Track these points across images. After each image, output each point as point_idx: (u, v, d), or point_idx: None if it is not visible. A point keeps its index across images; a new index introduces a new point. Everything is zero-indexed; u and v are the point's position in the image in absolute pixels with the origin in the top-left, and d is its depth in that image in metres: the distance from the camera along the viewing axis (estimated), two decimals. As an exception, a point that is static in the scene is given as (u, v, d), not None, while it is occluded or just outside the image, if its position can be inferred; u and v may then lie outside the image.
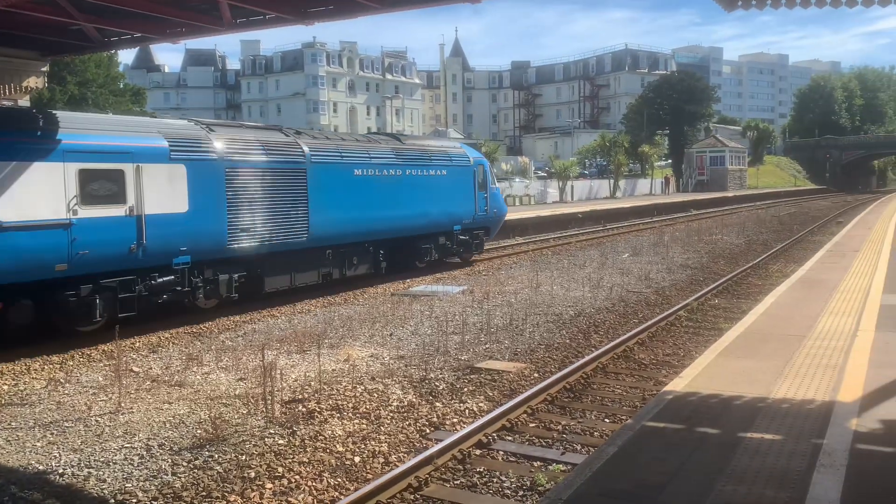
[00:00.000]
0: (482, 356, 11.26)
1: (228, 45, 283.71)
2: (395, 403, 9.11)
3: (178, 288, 13.92)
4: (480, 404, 9.10)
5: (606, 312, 14.66)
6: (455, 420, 8.59)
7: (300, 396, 9.36)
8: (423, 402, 9.16)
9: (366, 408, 8.96)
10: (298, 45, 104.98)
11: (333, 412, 8.80)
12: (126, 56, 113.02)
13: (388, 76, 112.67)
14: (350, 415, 8.74)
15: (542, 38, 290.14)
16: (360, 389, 9.61)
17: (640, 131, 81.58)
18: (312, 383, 9.88)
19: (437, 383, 9.88)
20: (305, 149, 16.76)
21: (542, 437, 7.98)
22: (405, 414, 8.77)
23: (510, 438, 8.00)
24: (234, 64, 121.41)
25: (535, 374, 10.34)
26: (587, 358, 10.67)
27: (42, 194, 11.57)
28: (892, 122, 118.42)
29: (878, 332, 10.06)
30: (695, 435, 6.46)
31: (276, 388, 9.16)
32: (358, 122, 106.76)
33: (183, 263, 13.82)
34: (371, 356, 11.34)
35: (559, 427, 8.27)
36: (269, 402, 8.86)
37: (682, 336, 12.66)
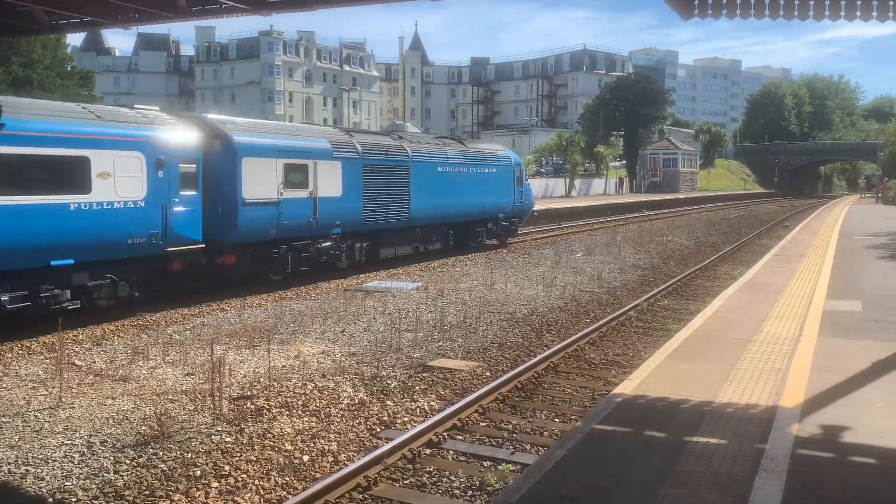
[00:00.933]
0: (435, 354, 11.24)
1: (182, 31, 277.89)
2: (345, 401, 9.04)
3: (332, 252, 18.77)
4: (432, 403, 9.09)
5: (559, 311, 14.78)
6: (406, 419, 8.56)
7: (249, 393, 9.22)
8: (374, 401, 9.11)
9: (316, 405, 8.87)
10: (255, 33, 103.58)
11: (282, 410, 8.69)
12: (75, 38, 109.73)
13: (346, 67, 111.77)
14: (299, 412, 8.64)
15: (503, 35, 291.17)
16: (310, 387, 9.51)
17: (596, 131, 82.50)
18: (262, 380, 9.74)
19: (388, 381, 9.83)
20: (409, 150, 21.92)
21: (492, 437, 8.01)
22: (356, 412, 8.71)
23: (461, 438, 8.01)
24: (188, 50, 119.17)
25: (488, 373, 10.37)
26: (539, 357, 10.73)
27: (267, 181, 16.38)
28: (839, 130, 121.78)
29: (820, 338, 10.32)
30: (642, 438, 6.54)
31: (224, 385, 9.00)
32: (314, 112, 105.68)
33: (336, 234, 18.72)
34: (322, 353, 11.23)
35: (510, 427, 8.30)
36: (216, 398, 8.71)
37: (632, 336, 12.83)
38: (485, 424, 8.43)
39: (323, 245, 18.37)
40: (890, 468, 5.91)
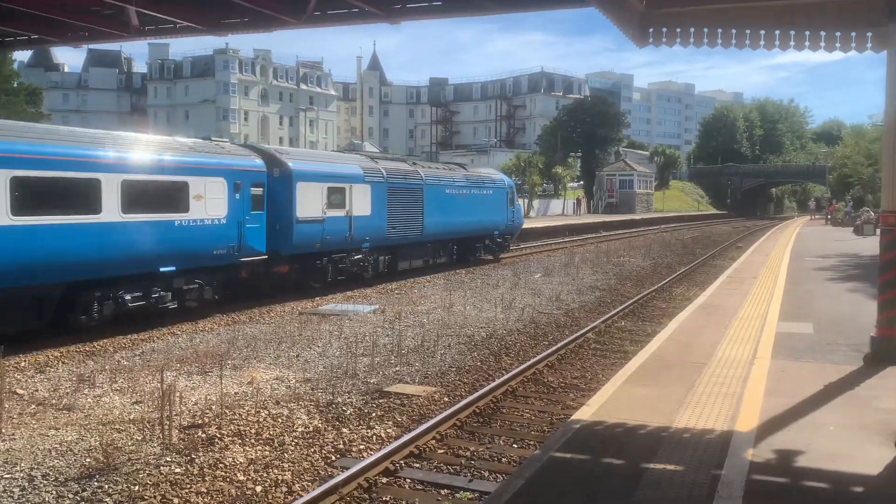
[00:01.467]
0: (392, 379, 11.10)
1: (135, 47, 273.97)
2: (300, 429, 8.85)
3: (362, 263, 21.54)
4: (389, 430, 8.94)
5: (518, 334, 14.76)
6: (362, 447, 8.40)
7: (200, 421, 8.97)
8: (330, 428, 8.93)
9: (269, 433, 8.66)
10: (210, 51, 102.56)
11: (235, 438, 8.46)
12: (21, 53, 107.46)
13: (303, 86, 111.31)
14: (252, 441, 8.42)
15: (461, 56, 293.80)
16: (263, 414, 9.29)
17: (554, 152, 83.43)
18: (214, 407, 9.49)
19: (344, 408, 9.66)
20: (423, 174, 25.00)
21: (450, 464, 7.89)
22: (310, 440, 8.52)
23: (418, 466, 7.88)
24: (140, 67, 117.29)
25: (446, 399, 10.26)
26: (497, 381, 10.67)
27: (314, 202, 19.15)
28: (789, 153, 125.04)
29: (773, 360, 10.46)
30: (601, 466, 6.50)
31: (174, 413, 8.74)
32: (270, 131, 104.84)
33: (365, 248, 21.52)
34: (276, 379, 11.00)
35: (468, 453, 8.20)
36: (166, 427, 8.44)
37: (590, 359, 12.85)
38: (443, 451, 8.32)
39: (355, 257, 21.28)
40: (842, 493, 5.96)
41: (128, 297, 14.48)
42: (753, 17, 9.92)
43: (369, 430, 8.90)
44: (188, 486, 7.20)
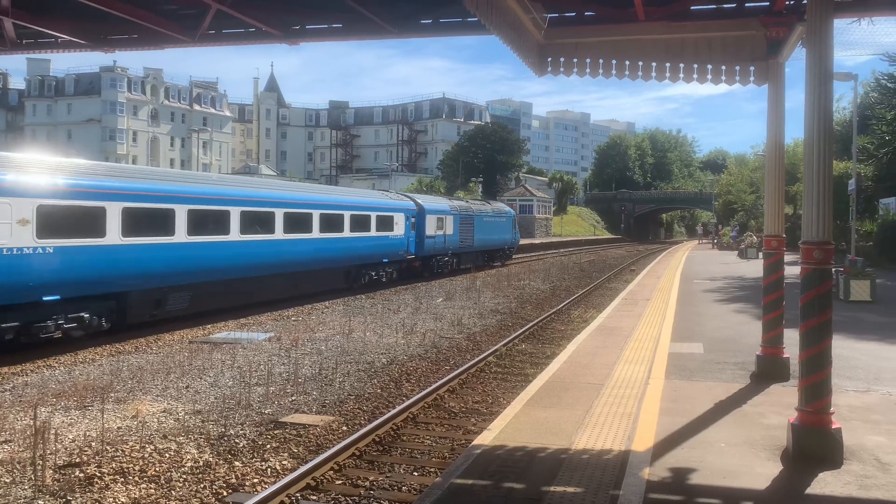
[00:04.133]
0: (288, 409, 10.70)
1: (12, 62, 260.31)
2: (189, 464, 8.36)
3: (448, 263, 36.08)
4: (284, 462, 8.58)
5: (419, 360, 14.61)
6: (256, 480, 8.01)
7: (78, 460, 8.34)
8: (221, 462, 8.48)
9: (155, 470, 8.14)
10: (96, 69, 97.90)
11: (117, 476, 7.90)
12: None
13: (197, 107, 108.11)
14: (136, 479, 7.89)
15: (361, 80, 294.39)
16: (149, 449, 8.74)
17: (455, 177, 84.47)
18: (94, 444, 8.86)
19: (237, 440, 9.21)
20: (473, 209, 39.97)
21: (348, 496, 7.62)
22: (200, 476, 8.06)
23: (314, 498, 7.57)
24: (17, 83, 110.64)
25: (344, 427, 9.97)
26: (398, 409, 10.45)
27: (432, 226, 33.57)
28: (678, 180, 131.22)
29: (667, 380, 10.72)
30: (501, 491, 6.40)
31: (48, 451, 8.11)
32: (160, 153, 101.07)
33: (449, 253, 36.01)
34: (164, 411, 10.40)
35: (367, 483, 7.95)
36: (38, 467, 7.80)
37: (492, 382, 12.83)
38: (340, 482, 8.04)
39: (445, 259, 35.85)
40: (735, 509, 6.09)
41: (372, 273, 28.67)
42: (645, 50, 10.28)
43: (263, 463, 8.51)
44: (62, 531, 6.64)
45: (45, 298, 14.39)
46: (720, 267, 37.39)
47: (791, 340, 9.80)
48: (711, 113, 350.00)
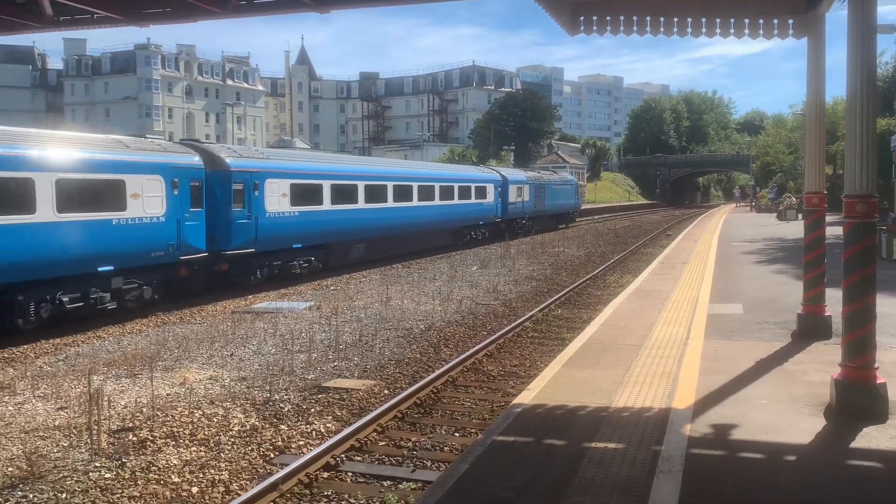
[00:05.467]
0: (330, 374, 10.92)
1: (49, 42, 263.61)
2: (236, 428, 8.60)
3: (525, 225, 42.01)
4: (328, 425, 8.78)
5: (456, 325, 14.73)
6: (301, 443, 8.22)
7: (130, 425, 8.63)
8: (267, 426, 8.71)
9: (204, 434, 8.39)
10: (131, 46, 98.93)
11: (168, 440, 8.17)
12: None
13: (230, 82, 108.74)
14: (187, 442, 8.15)
15: (391, 51, 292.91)
16: (197, 414, 9.00)
17: (487, 146, 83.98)
18: (145, 410, 9.15)
19: (281, 405, 9.44)
20: (544, 178, 46.74)
21: (392, 456, 7.79)
22: (247, 439, 8.30)
23: (359, 459, 7.75)
24: (56, 63, 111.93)
25: (385, 391, 10.14)
26: (437, 372, 10.61)
27: (512, 194, 40.20)
28: (714, 143, 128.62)
29: (706, 340, 10.69)
30: (543, 448, 6.50)
31: (102, 417, 8.39)
32: (195, 128, 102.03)
33: (526, 216, 42.56)
34: (210, 378, 10.68)
35: (409, 444, 8.11)
36: (94, 432, 8.09)
37: (529, 347, 12.91)
38: (384, 444, 8.21)
39: (523, 223, 41.79)
40: (776, 461, 6.10)
41: (472, 233, 34.94)
42: (680, 5, 10.09)
43: (308, 426, 8.72)
44: (119, 490, 6.91)
45: (294, 246, 21.37)
46: (758, 229, 36.84)
47: (833, 299, 9.72)
48: (748, 73, 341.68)
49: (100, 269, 14.92)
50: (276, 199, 20.29)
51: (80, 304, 14.68)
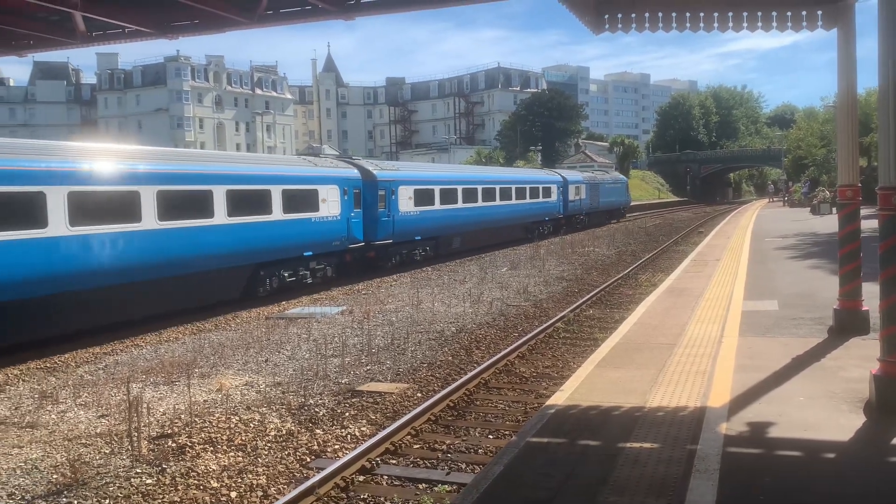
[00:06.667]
0: (363, 378, 11.00)
1: (83, 58, 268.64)
2: (272, 433, 8.71)
3: (581, 220, 47.24)
4: (363, 428, 8.85)
5: (487, 327, 14.75)
6: (337, 447, 8.30)
7: (169, 431, 8.78)
8: (303, 430, 8.81)
9: (241, 439, 8.51)
10: (161, 59, 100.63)
11: (206, 446, 8.30)
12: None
13: (258, 91, 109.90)
14: (224, 447, 8.27)
15: (416, 55, 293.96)
16: (234, 420, 9.13)
17: (514, 147, 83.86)
18: (183, 416, 9.30)
19: (316, 409, 9.53)
20: (598, 178, 52.20)
21: (426, 459, 7.83)
22: (284, 443, 8.40)
23: (394, 462, 7.80)
24: (89, 78, 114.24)
25: (419, 394, 10.19)
26: (470, 374, 10.63)
27: (571, 193, 45.01)
28: (745, 138, 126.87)
29: (741, 338, 10.59)
30: (577, 448, 6.49)
31: (142, 424, 8.55)
32: (226, 138, 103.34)
33: (582, 212, 47.36)
34: (246, 384, 10.82)
35: (444, 447, 8.15)
36: (135, 438, 8.25)
37: (561, 348, 12.88)
38: (418, 446, 8.25)
39: (581, 218, 45.99)
40: (815, 459, 6.03)
41: (540, 228, 38.89)
42: (706, 0, 10.02)
43: (343, 430, 8.79)
44: (160, 496, 7.04)
45: (415, 238, 26.77)
46: (792, 224, 36.31)
47: (870, 294, 9.56)
48: (777, 66, 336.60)
49: (304, 254, 20.30)
50: (405, 202, 25.75)
51: (293, 279, 20.02)
